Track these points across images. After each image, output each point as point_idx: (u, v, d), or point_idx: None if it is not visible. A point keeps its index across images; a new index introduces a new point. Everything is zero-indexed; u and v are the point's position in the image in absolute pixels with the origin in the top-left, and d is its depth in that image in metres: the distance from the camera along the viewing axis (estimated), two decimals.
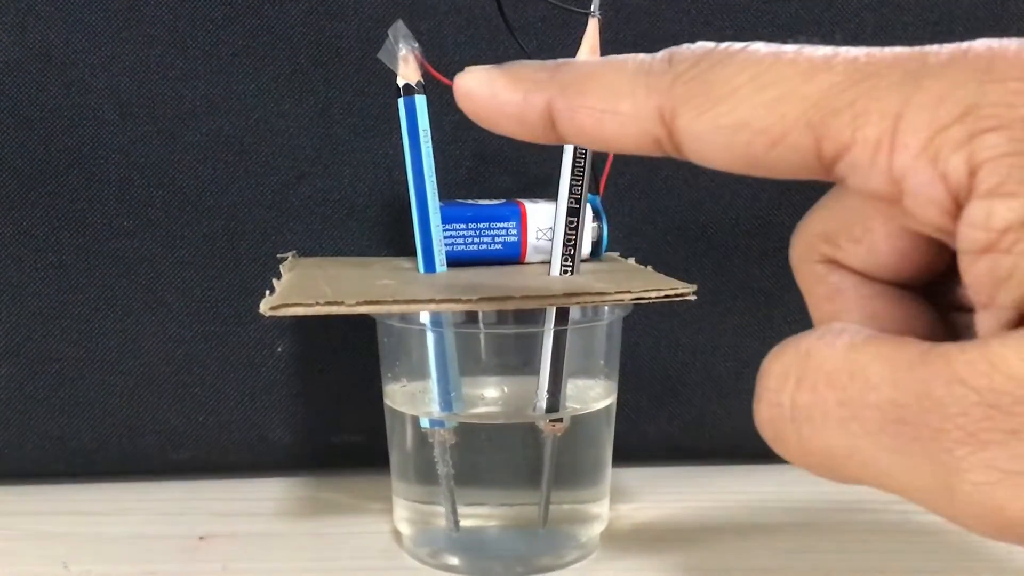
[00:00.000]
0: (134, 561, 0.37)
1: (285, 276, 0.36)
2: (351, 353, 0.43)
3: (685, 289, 0.32)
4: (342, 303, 0.30)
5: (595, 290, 0.32)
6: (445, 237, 0.37)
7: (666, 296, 0.32)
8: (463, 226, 0.38)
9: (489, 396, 0.37)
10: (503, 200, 0.39)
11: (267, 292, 0.32)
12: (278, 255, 0.40)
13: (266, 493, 0.44)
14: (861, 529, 0.39)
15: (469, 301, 0.31)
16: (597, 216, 0.39)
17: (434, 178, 0.36)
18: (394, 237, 0.43)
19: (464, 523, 0.36)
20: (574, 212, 0.35)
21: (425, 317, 0.35)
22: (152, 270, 0.43)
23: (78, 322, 0.43)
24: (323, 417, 0.45)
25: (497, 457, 0.36)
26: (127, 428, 0.44)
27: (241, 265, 0.43)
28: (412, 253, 0.37)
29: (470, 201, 0.39)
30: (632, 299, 0.32)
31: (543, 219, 0.38)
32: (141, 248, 0.43)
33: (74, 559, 0.37)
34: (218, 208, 0.43)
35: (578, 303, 0.32)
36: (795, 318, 0.45)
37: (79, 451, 0.44)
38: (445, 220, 0.37)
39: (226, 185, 0.42)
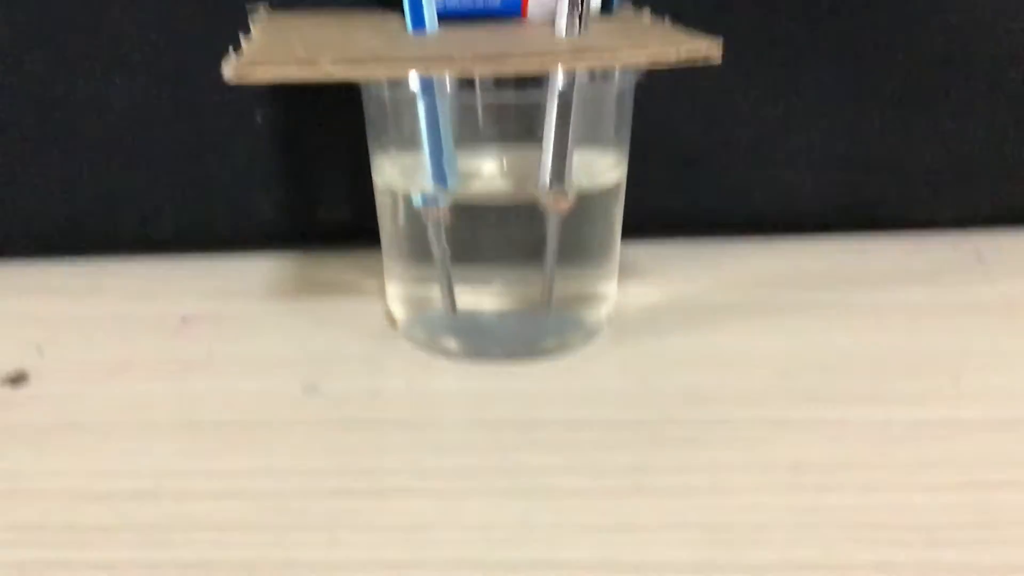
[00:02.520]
0: (113, 344, 0.35)
1: (255, 31, 0.32)
2: (337, 121, 0.39)
3: (709, 48, 0.28)
4: (316, 63, 0.27)
5: (605, 49, 0.28)
6: None
7: (687, 57, 0.28)
8: None
9: (487, 170, 0.34)
10: None
11: (232, 52, 0.28)
12: (246, 4, 0.35)
13: (252, 271, 0.41)
14: (881, 307, 0.37)
15: (462, 61, 0.27)
16: None
17: None
18: None
19: (462, 304, 0.33)
20: None
21: (415, 83, 0.31)
22: (115, 28, 0.39)
23: (39, 87, 0.39)
24: (310, 191, 0.42)
25: (497, 236, 0.33)
26: (101, 203, 0.41)
27: (211, 24, 0.38)
28: (399, 7, 0.32)
29: None
30: (648, 59, 0.28)
31: None
32: (99, 4, 0.38)
33: (49, 342, 0.35)
34: None
35: (586, 65, 0.28)
36: (817, 81, 0.41)
37: (52, 229, 0.41)
38: None
39: None
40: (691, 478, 0.27)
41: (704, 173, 0.42)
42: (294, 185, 0.41)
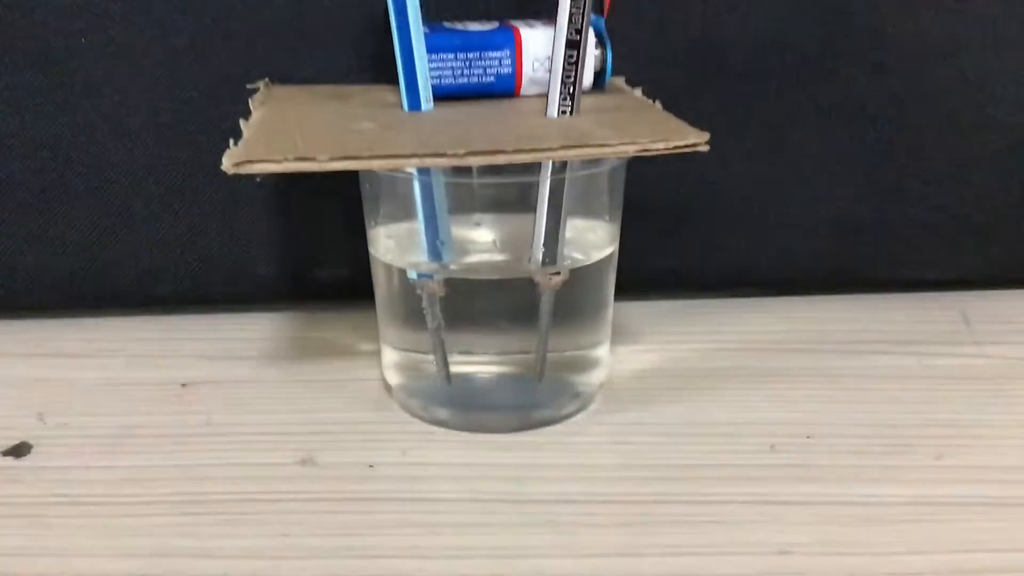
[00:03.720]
0: (114, 412, 0.36)
1: (255, 115, 0.33)
2: (335, 183, 0.40)
3: (697, 139, 0.29)
4: (314, 159, 0.27)
5: (595, 141, 0.29)
6: (431, 68, 0.33)
7: (675, 148, 0.29)
8: (451, 56, 0.34)
9: (482, 242, 0.34)
10: (496, 24, 0.35)
11: (230, 141, 0.28)
12: (248, 86, 0.36)
13: (251, 332, 0.42)
14: (869, 374, 0.38)
15: (455, 155, 0.28)
16: (600, 43, 0.35)
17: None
18: (377, 55, 0.39)
19: (457, 370, 0.34)
20: (574, 45, 0.31)
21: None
22: (116, 92, 0.39)
23: (41, 149, 0.40)
24: (308, 249, 0.42)
25: (490, 308, 0.34)
26: (101, 263, 0.42)
27: (211, 87, 0.39)
28: (396, 75, 0.33)
29: (459, 26, 0.35)
30: (637, 151, 0.29)
31: (540, 47, 0.34)
32: (102, 67, 0.39)
33: (50, 409, 0.36)
34: (183, 23, 0.38)
35: (576, 156, 0.29)
36: (808, 143, 0.42)
37: (52, 287, 0.42)
38: (431, 49, 0.33)
39: None
40: (680, 562, 0.27)
41: (696, 233, 0.43)
42: (292, 243, 0.42)
